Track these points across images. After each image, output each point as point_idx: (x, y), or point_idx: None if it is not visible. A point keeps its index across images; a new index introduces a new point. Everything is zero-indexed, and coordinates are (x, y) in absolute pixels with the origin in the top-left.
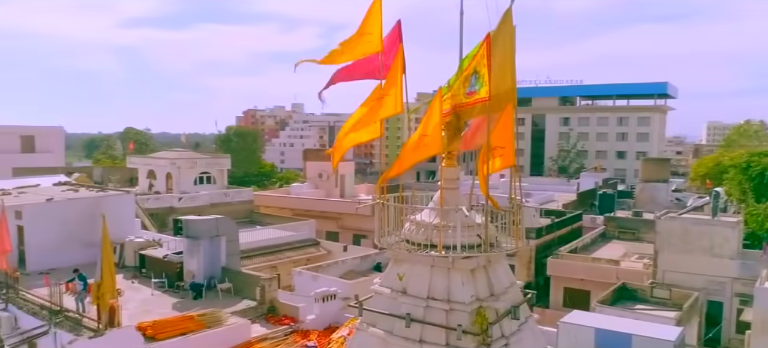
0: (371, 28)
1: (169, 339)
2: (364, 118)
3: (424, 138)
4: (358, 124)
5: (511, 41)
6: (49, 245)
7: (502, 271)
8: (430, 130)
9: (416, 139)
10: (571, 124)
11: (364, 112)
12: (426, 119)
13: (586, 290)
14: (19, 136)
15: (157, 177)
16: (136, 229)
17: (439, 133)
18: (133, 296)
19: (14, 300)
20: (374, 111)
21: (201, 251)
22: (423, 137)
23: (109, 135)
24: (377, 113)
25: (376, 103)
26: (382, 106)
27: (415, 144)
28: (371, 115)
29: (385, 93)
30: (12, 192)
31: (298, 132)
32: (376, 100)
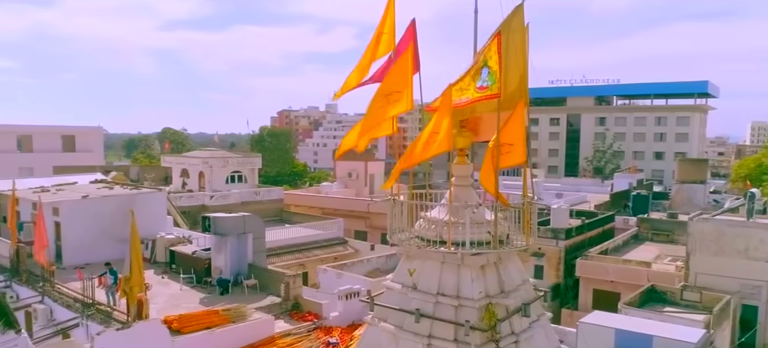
0: (385, 29)
1: (194, 333)
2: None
3: (435, 135)
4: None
5: (522, 38)
6: (84, 240)
7: (513, 269)
8: (441, 128)
9: (427, 135)
10: (607, 124)
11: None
12: (436, 116)
13: (616, 292)
14: (61, 136)
15: (190, 176)
16: (167, 226)
17: (450, 130)
18: (163, 291)
19: (50, 293)
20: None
21: (228, 248)
22: (434, 134)
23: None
24: (387, 110)
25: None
26: (391, 103)
27: (425, 141)
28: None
29: (397, 91)
30: (51, 189)
31: (331, 132)
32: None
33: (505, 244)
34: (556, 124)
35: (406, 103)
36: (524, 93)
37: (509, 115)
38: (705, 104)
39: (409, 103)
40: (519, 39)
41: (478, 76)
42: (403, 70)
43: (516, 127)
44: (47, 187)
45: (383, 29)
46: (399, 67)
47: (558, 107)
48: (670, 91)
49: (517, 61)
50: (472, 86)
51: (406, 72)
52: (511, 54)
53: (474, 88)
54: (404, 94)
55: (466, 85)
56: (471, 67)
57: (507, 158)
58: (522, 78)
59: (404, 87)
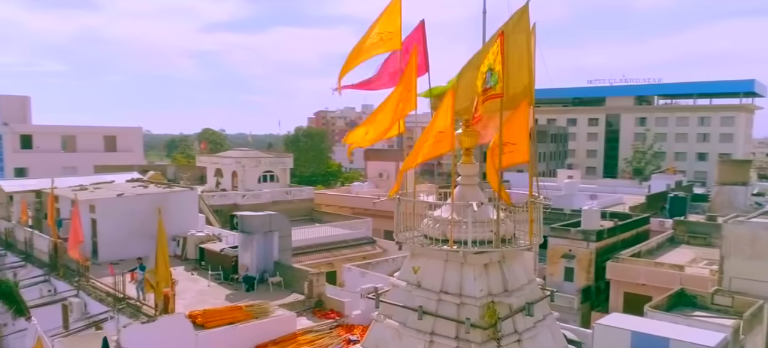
0: (391, 28)
1: (217, 328)
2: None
3: (439, 135)
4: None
5: (528, 39)
6: (118, 237)
7: (518, 268)
8: (445, 127)
9: (431, 136)
10: (647, 125)
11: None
12: (440, 116)
13: (647, 296)
14: (103, 136)
15: (224, 175)
16: (199, 224)
17: (453, 130)
18: (191, 287)
19: (85, 287)
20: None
21: (254, 246)
22: (438, 134)
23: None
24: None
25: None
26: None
27: (429, 140)
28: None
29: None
30: (89, 187)
31: None
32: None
33: (510, 243)
34: (594, 125)
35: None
36: (530, 94)
37: (512, 115)
38: (751, 104)
39: (413, 103)
40: (524, 40)
41: (483, 78)
42: (408, 71)
43: (519, 127)
44: (86, 185)
45: (386, 28)
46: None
47: (597, 107)
48: (714, 90)
49: (523, 62)
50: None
51: (411, 72)
52: (517, 55)
53: (480, 89)
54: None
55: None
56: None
57: (510, 157)
58: (528, 79)
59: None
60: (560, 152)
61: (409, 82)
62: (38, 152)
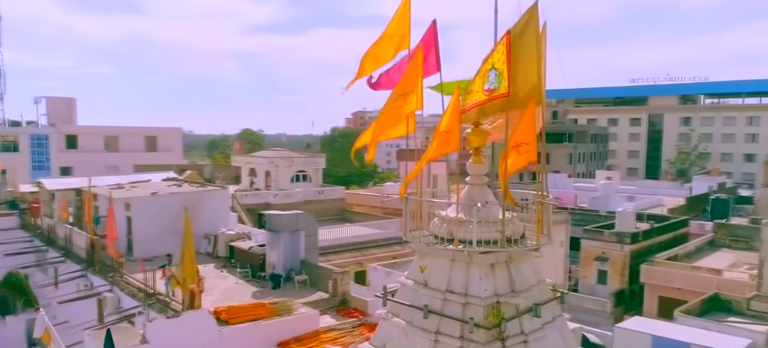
0: (401, 30)
1: (241, 324)
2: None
3: (445, 135)
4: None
5: (537, 38)
6: (152, 234)
7: (527, 268)
8: (450, 127)
9: (437, 135)
10: (692, 125)
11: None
12: (445, 115)
13: (683, 300)
14: (144, 137)
15: (258, 175)
16: (230, 222)
17: (458, 129)
18: (220, 284)
19: (118, 282)
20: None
21: (281, 244)
22: (443, 134)
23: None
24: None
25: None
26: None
27: (436, 141)
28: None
29: (409, 91)
30: (125, 186)
31: None
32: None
33: (517, 243)
34: (636, 125)
35: (416, 102)
36: (539, 94)
37: (521, 115)
38: None
39: (419, 103)
40: (533, 39)
41: (485, 79)
42: (413, 70)
43: (529, 127)
44: (123, 184)
45: (396, 30)
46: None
47: (639, 107)
48: (763, 89)
49: (532, 62)
50: (480, 89)
51: (416, 72)
52: (526, 55)
53: (482, 91)
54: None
55: (475, 88)
56: (479, 69)
57: (524, 157)
58: (537, 79)
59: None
60: (600, 153)
61: (413, 82)
62: (82, 152)
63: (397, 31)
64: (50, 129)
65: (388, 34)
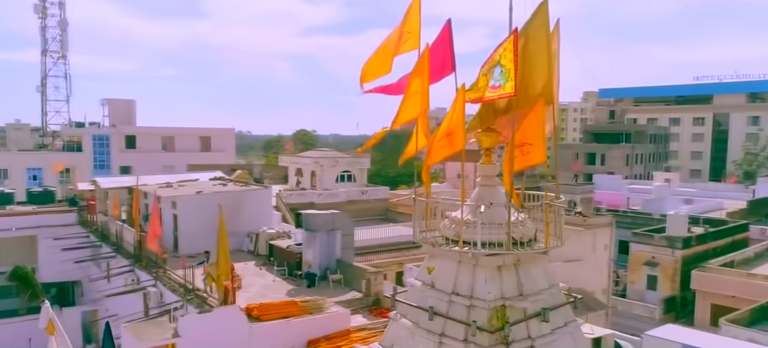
0: (410, 28)
1: (272, 321)
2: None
3: (450, 136)
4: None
5: (546, 36)
6: (197, 232)
7: (538, 272)
8: (454, 128)
9: (441, 135)
10: (761, 124)
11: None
12: (449, 115)
13: (737, 308)
14: (198, 137)
15: (304, 174)
16: (273, 221)
17: (463, 130)
18: (257, 281)
19: (161, 278)
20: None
21: (317, 243)
22: (449, 135)
23: (282, 136)
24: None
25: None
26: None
27: (440, 140)
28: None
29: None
30: (174, 185)
31: None
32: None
33: (527, 246)
34: (700, 124)
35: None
36: (548, 93)
37: (528, 115)
38: None
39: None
40: (543, 37)
41: (491, 74)
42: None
43: (535, 127)
44: (171, 183)
45: (408, 27)
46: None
47: (703, 106)
48: None
49: (542, 61)
50: (486, 86)
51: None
52: (536, 53)
53: (486, 87)
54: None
55: (480, 84)
56: (484, 65)
57: (526, 158)
58: (547, 77)
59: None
60: (660, 154)
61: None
62: (141, 152)
63: (405, 29)
64: (111, 130)
65: (398, 33)
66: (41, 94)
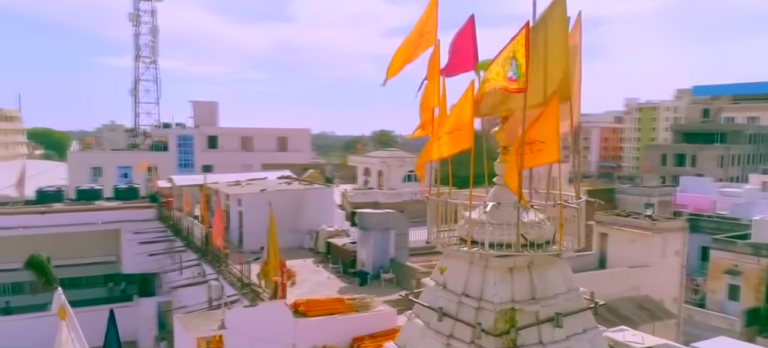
0: (428, 26)
1: (317, 317)
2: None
3: (457, 132)
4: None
5: (563, 32)
6: (260, 229)
7: (556, 275)
8: (461, 124)
9: (446, 130)
10: None
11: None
12: (457, 110)
13: None
14: (276, 137)
15: (371, 174)
16: (334, 219)
17: (472, 126)
18: (312, 278)
19: (223, 272)
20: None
21: (371, 242)
22: (455, 131)
23: (362, 136)
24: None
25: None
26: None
27: (446, 136)
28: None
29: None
30: (242, 183)
31: None
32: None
33: (542, 247)
34: None
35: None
36: (565, 89)
37: (542, 112)
38: None
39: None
40: (560, 32)
41: (508, 65)
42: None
43: (549, 125)
44: (241, 181)
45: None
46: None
47: None
48: None
49: (559, 57)
50: (502, 75)
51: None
52: (552, 49)
53: (504, 77)
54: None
55: (494, 74)
56: (499, 56)
57: (538, 157)
58: (564, 73)
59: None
60: (761, 155)
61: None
62: (222, 151)
63: (424, 27)
64: (194, 130)
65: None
66: (133, 97)
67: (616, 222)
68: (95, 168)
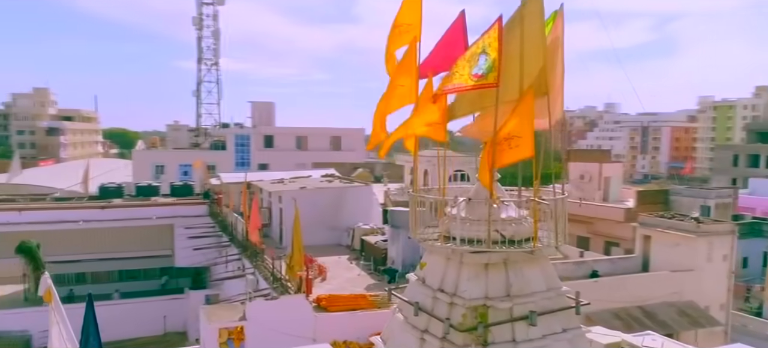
0: (409, 19)
1: (338, 312)
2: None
3: (432, 126)
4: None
5: (540, 25)
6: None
7: (534, 273)
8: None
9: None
10: None
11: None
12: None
13: None
14: (330, 137)
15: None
16: (372, 217)
17: (445, 121)
18: (344, 274)
19: (259, 266)
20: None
21: (401, 240)
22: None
23: None
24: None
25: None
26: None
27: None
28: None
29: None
30: (285, 181)
31: (607, 133)
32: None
33: (519, 245)
34: None
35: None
36: (543, 83)
37: (515, 107)
38: None
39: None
40: (536, 26)
41: (474, 62)
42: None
43: (524, 120)
44: (285, 179)
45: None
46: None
47: None
48: None
49: (536, 50)
50: (467, 71)
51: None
52: (528, 43)
53: (469, 74)
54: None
55: (460, 69)
56: (467, 52)
57: (514, 152)
58: (541, 67)
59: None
60: None
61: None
62: (277, 150)
63: (403, 21)
64: (251, 130)
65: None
66: (196, 97)
67: (660, 224)
68: (158, 166)
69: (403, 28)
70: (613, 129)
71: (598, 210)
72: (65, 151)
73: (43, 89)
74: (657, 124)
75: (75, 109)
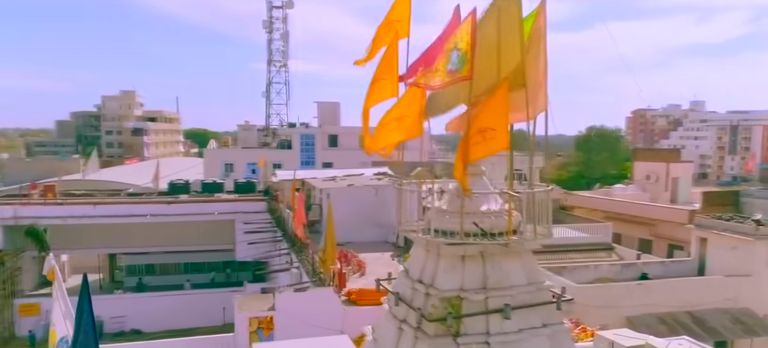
0: (398, 15)
1: (366, 306)
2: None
3: (405, 120)
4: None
5: (518, 14)
6: (347, 222)
7: (513, 266)
8: (411, 112)
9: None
10: None
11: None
12: (405, 99)
13: None
14: None
15: None
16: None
17: (421, 115)
18: (383, 270)
19: (303, 260)
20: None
21: None
22: (403, 119)
23: None
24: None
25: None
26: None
27: (393, 124)
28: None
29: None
30: (337, 179)
31: (692, 133)
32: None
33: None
34: None
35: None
36: (519, 76)
37: (489, 99)
38: None
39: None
40: (514, 15)
41: (448, 58)
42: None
43: (497, 111)
44: (336, 177)
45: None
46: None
47: None
48: None
49: (513, 41)
50: (443, 69)
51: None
52: (505, 34)
53: (445, 71)
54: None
55: (439, 67)
56: (442, 48)
57: (488, 145)
58: (519, 59)
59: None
60: None
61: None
62: (341, 149)
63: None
64: (316, 130)
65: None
66: (266, 98)
67: (716, 226)
68: (227, 164)
69: (393, 24)
70: (699, 128)
71: (662, 211)
72: (148, 150)
73: (130, 92)
74: (748, 123)
75: (158, 110)
